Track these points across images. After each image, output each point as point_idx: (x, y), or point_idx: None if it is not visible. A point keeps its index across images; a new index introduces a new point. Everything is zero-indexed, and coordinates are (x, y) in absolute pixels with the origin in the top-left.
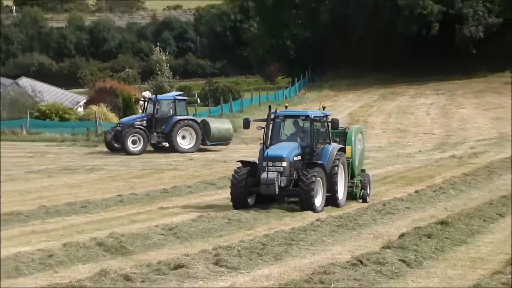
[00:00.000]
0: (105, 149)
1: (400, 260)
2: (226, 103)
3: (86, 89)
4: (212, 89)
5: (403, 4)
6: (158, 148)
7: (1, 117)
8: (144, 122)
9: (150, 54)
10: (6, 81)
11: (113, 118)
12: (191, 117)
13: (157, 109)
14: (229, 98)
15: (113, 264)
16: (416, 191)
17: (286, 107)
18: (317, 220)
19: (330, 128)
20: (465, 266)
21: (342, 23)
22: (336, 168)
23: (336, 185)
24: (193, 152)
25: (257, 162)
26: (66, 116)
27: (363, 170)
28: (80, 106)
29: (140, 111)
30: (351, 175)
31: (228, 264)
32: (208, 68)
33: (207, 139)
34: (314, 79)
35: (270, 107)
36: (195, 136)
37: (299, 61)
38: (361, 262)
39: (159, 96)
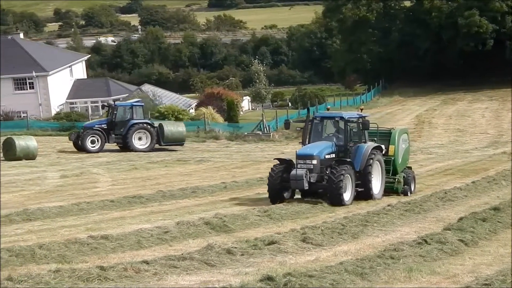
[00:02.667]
0: (212, 144)
1: (458, 240)
2: (313, 106)
3: (197, 94)
4: (301, 95)
5: (462, 23)
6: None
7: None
8: (105, 125)
9: (250, 65)
10: (132, 87)
11: (219, 118)
12: (146, 121)
13: (115, 114)
14: (315, 102)
15: (218, 240)
16: (473, 182)
17: (361, 110)
18: (388, 205)
19: (362, 128)
20: None
21: (410, 40)
22: (370, 165)
23: (370, 180)
24: (148, 151)
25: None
26: (180, 116)
27: (409, 168)
28: (192, 108)
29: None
30: (393, 171)
31: (313, 241)
32: (297, 77)
33: (161, 140)
34: (386, 87)
35: (308, 109)
36: (150, 138)
37: (374, 72)
38: (426, 241)
39: (117, 103)
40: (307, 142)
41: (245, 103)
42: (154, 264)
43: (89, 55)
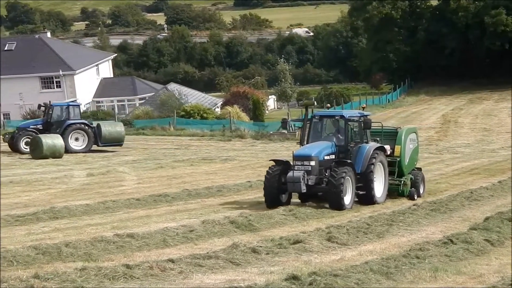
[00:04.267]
0: (238, 142)
1: (485, 239)
2: (338, 105)
3: (223, 93)
4: (327, 94)
5: (489, 22)
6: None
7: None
8: (40, 126)
9: (276, 64)
10: (158, 86)
11: (244, 117)
12: (83, 121)
13: (51, 114)
14: (340, 101)
15: (243, 239)
16: (499, 181)
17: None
18: (414, 205)
19: (363, 127)
20: None
21: (436, 39)
22: (372, 166)
23: (372, 183)
24: (85, 152)
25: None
26: (206, 115)
27: (418, 169)
28: (218, 107)
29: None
30: (400, 173)
31: (338, 240)
32: (323, 76)
33: (99, 140)
34: (412, 86)
35: (306, 107)
36: (87, 138)
37: (400, 71)
38: (451, 241)
39: (53, 103)
40: (305, 142)
41: (271, 102)
42: (180, 263)
43: (116, 54)
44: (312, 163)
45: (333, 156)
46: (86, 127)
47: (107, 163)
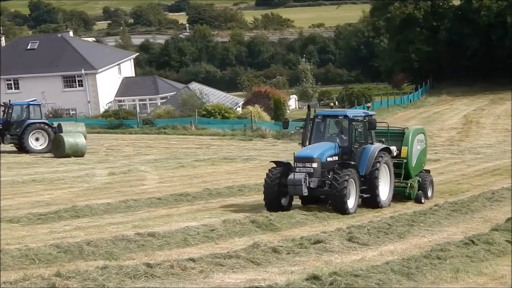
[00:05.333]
0: (259, 142)
1: (506, 240)
2: (360, 105)
3: (244, 93)
4: (348, 94)
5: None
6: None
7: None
8: (0, 125)
9: (297, 64)
10: (179, 85)
11: (266, 117)
12: (43, 121)
13: (11, 113)
14: (362, 101)
15: (264, 238)
16: None
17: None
18: (435, 205)
19: (368, 128)
20: None
21: (458, 39)
22: (377, 170)
23: (377, 186)
24: (45, 152)
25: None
26: (227, 114)
27: (426, 171)
28: (239, 107)
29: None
30: (406, 175)
31: (359, 241)
32: (345, 76)
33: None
34: (434, 86)
35: (308, 106)
36: (47, 138)
37: (421, 71)
38: (473, 241)
39: (13, 102)
40: (307, 143)
41: (292, 102)
42: (200, 262)
43: (137, 53)
44: (314, 165)
45: (336, 158)
46: (47, 127)
47: (129, 162)
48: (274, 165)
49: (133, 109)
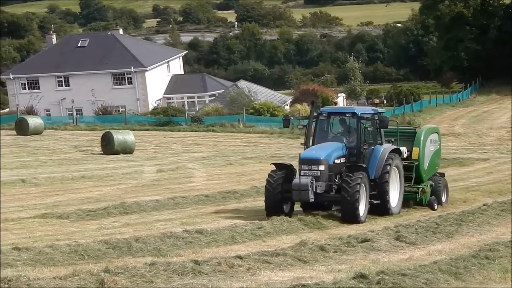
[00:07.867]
0: None
1: None
2: (408, 104)
3: (292, 91)
4: (396, 92)
5: None
6: None
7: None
8: None
9: (346, 62)
10: (228, 83)
11: None
12: None
13: None
14: (410, 100)
15: (311, 237)
16: None
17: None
18: (484, 205)
19: (379, 127)
20: None
21: (508, 37)
22: (387, 175)
23: (387, 191)
24: None
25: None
26: (275, 112)
27: (441, 174)
28: (287, 105)
29: None
30: (418, 179)
31: (407, 240)
32: (393, 75)
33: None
34: (483, 85)
35: (313, 102)
36: None
37: (471, 70)
38: None
39: None
40: (311, 144)
41: (340, 100)
42: (248, 260)
43: (186, 51)
44: (321, 167)
45: (343, 160)
46: None
47: (177, 160)
48: (275, 168)
49: (181, 107)
